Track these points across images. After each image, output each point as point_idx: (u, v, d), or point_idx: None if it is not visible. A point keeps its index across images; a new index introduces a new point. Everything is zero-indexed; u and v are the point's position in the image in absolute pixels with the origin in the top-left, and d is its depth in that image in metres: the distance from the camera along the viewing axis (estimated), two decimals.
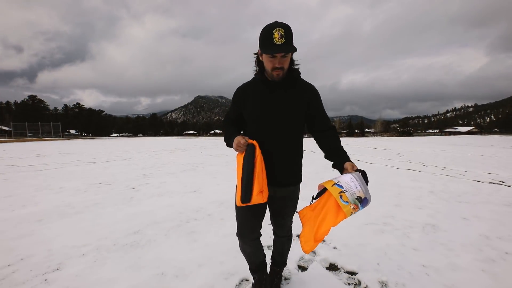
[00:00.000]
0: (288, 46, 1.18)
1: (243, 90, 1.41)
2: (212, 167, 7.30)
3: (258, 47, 1.27)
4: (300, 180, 1.50)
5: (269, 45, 1.18)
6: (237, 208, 1.45)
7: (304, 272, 1.91)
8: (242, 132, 1.50)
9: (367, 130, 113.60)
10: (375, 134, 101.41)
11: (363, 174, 1.23)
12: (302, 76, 1.40)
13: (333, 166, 1.38)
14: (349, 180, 1.18)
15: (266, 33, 1.18)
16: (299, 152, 1.47)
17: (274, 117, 1.32)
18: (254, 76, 1.40)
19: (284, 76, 1.31)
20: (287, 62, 1.26)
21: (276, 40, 1.16)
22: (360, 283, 1.77)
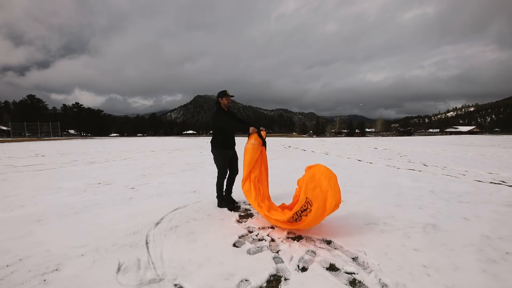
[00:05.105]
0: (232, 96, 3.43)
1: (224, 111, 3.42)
2: (212, 167, 7.28)
3: (220, 97, 3.38)
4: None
5: (227, 94, 3.36)
6: (222, 161, 3.41)
7: (304, 272, 1.90)
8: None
9: (367, 129, 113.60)
10: (376, 133, 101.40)
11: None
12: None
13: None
14: None
15: (224, 91, 3.37)
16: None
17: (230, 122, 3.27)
18: (221, 107, 3.38)
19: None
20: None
21: (228, 93, 3.37)
22: (360, 283, 1.76)
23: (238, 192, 4.13)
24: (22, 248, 2.26)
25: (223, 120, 3.23)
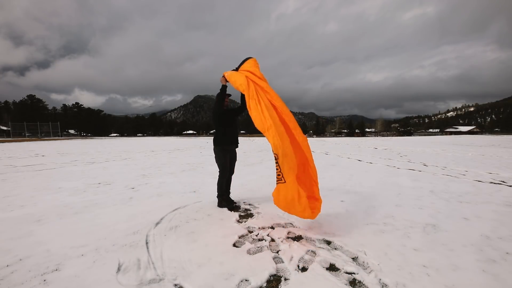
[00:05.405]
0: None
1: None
2: (212, 167, 7.29)
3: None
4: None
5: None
6: (223, 159, 3.43)
7: (304, 272, 1.90)
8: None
9: (367, 129, 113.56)
10: (376, 133, 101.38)
11: None
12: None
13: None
14: None
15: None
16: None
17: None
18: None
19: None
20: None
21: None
22: (360, 283, 1.76)
23: (237, 193, 4.14)
24: (22, 248, 2.26)
25: (215, 105, 3.34)
